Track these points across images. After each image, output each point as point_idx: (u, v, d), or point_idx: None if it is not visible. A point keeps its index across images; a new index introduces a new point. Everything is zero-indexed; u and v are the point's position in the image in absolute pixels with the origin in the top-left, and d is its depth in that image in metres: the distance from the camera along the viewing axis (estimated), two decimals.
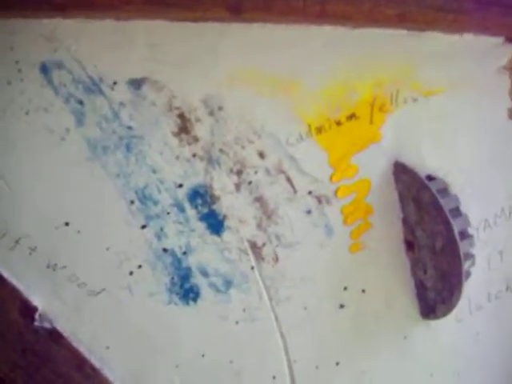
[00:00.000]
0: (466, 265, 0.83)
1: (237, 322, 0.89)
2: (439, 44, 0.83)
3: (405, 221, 0.87)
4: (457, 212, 0.83)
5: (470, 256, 0.84)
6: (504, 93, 0.87)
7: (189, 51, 0.77)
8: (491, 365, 1.01)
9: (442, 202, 0.79)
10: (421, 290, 0.90)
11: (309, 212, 0.85)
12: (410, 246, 0.89)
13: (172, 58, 0.77)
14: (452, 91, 0.85)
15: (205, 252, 0.86)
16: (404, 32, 0.81)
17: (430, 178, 0.86)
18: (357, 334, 0.94)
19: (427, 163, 0.87)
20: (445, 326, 0.95)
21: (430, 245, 0.82)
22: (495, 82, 0.87)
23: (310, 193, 0.85)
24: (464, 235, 0.82)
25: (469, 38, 0.84)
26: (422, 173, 0.85)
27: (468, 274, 0.86)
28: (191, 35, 0.76)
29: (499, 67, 0.86)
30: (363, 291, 0.92)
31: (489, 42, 0.85)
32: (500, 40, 0.85)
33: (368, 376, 0.96)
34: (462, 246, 0.81)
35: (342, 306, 0.91)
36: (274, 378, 0.93)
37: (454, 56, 0.84)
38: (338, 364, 0.94)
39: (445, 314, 0.86)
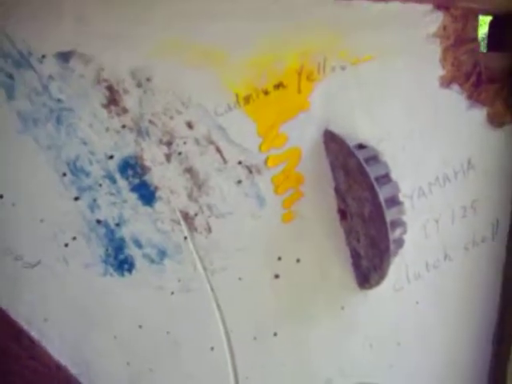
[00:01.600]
0: (397, 232, 0.91)
1: (172, 293, 0.97)
2: (366, 12, 0.92)
3: (336, 189, 0.95)
4: (386, 179, 0.91)
5: (400, 223, 0.91)
6: (435, 60, 0.95)
7: (116, 23, 0.87)
8: (431, 334, 1.09)
9: (369, 168, 0.87)
10: (356, 259, 0.98)
11: (239, 182, 0.93)
12: (343, 214, 0.97)
13: (99, 30, 0.87)
14: (381, 59, 0.93)
15: (138, 223, 0.94)
16: (330, 0, 0.88)
17: (361, 146, 0.93)
18: (293, 305, 1.02)
19: (358, 131, 0.95)
20: (383, 295, 1.03)
21: (360, 212, 0.90)
22: (425, 49, 0.95)
23: (239, 163, 0.93)
24: (394, 202, 0.90)
25: (396, 5, 0.92)
26: (354, 141, 0.92)
27: (401, 242, 0.93)
28: (118, 7, 0.86)
29: (429, 35, 0.94)
30: (298, 261, 0.99)
31: (417, 10, 0.93)
32: (428, 7, 0.93)
33: (306, 346, 1.05)
34: (392, 213, 0.89)
35: (277, 276, 0.99)
36: (212, 349, 1.01)
37: (381, 24, 0.92)
38: (275, 335, 1.03)
39: (378, 283, 0.94)
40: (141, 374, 1.03)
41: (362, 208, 0.91)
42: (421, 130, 0.98)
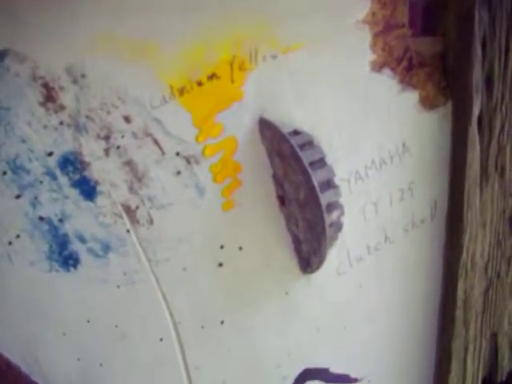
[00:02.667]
0: (334, 214, 0.95)
1: (118, 286, 1.00)
2: (296, 1, 0.93)
3: (274, 176, 0.99)
4: (321, 163, 0.95)
5: (337, 206, 0.95)
6: (365, 46, 1.00)
7: (49, 21, 0.89)
8: (375, 316, 1.13)
9: (303, 153, 0.91)
10: (297, 244, 1.02)
11: (178, 173, 0.96)
12: (282, 201, 1.00)
13: (33, 28, 0.89)
14: (311, 47, 0.97)
15: (80, 218, 0.97)
16: None
17: (296, 132, 0.96)
18: (238, 292, 1.06)
19: (292, 118, 0.99)
20: (326, 279, 1.07)
21: (296, 197, 0.94)
22: (355, 36, 0.98)
23: (177, 154, 0.96)
24: (329, 185, 0.94)
25: None
26: (288, 128, 0.95)
27: (339, 225, 0.97)
28: (50, 5, 0.88)
29: (358, 21, 0.97)
30: (240, 249, 1.03)
31: None
32: None
33: (254, 333, 1.09)
34: (328, 196, 0.94)
35: (220, 265, 1.03)
36: (161, 340, 1.05)
37: (310, 12, 0.96)
38: (222, 323, 1.06)
39: (319, 266, 0.98)
40: (92, 369, 1.06)
41: (297, 192, 0.94)
42: (354, 115, 1.02)
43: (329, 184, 0.96)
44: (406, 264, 1.12)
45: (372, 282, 1.11)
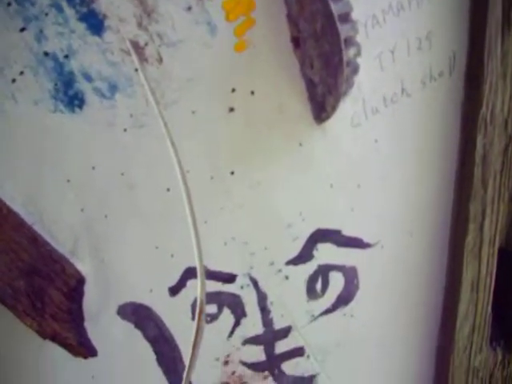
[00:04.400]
0: (350, 51, 0.91)
1: (125, 130, 0.97)
2: None
3: (289, 16, 0.95)
4: None
5: (354, 43, 0.92)
6: None
7: None
8: (391, 174, 1.10)
9: None
10: (311, 90, 0.99)
11: (189, 8, 0.93)
12: (296, 43, 0.96)
13: None
14: None
15: (87, 54, 0.94)
16: None
17: None
18: (249, 141, 1.02)
19: None
20: (341, 131, 1.05)
21: (312, 31, 0.91)
22: None
23: None
24: (346, 20, 0.91)
25: None
26: None
27: (355, 66, 0.94)
28: None
29: None
30: (252, 93, 0.99)
31: None
32: None
33: (264, 186, 1.05)
34: (345, 30, 0.90)
35: (231, 110, 0.99)
36: (168, 190, 1.01)
37: None
38: (232, 173, 1.02)
39: (334, 108, 0.95)
40: (96, 220, 1.02)
41: (314, 25, 0.92)
42: None
43: (346, 18, 0.93)
44: (423, 119, 1.09)
45: (388, 136, 1.08)
